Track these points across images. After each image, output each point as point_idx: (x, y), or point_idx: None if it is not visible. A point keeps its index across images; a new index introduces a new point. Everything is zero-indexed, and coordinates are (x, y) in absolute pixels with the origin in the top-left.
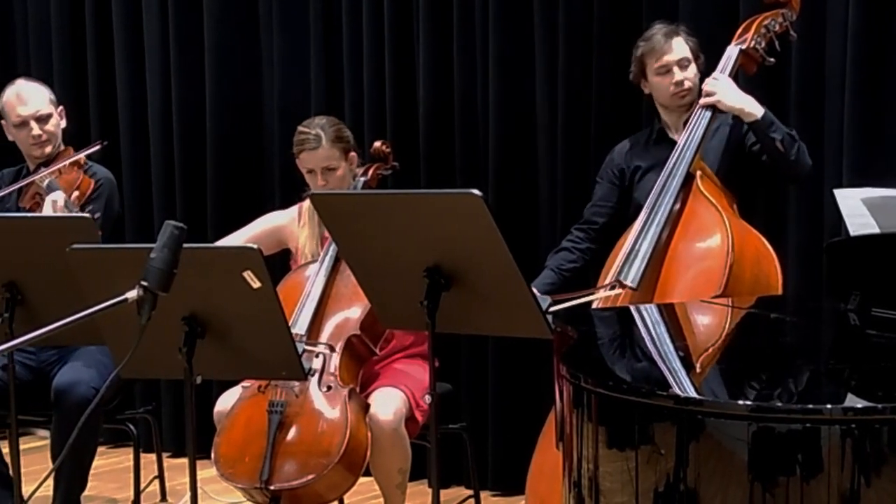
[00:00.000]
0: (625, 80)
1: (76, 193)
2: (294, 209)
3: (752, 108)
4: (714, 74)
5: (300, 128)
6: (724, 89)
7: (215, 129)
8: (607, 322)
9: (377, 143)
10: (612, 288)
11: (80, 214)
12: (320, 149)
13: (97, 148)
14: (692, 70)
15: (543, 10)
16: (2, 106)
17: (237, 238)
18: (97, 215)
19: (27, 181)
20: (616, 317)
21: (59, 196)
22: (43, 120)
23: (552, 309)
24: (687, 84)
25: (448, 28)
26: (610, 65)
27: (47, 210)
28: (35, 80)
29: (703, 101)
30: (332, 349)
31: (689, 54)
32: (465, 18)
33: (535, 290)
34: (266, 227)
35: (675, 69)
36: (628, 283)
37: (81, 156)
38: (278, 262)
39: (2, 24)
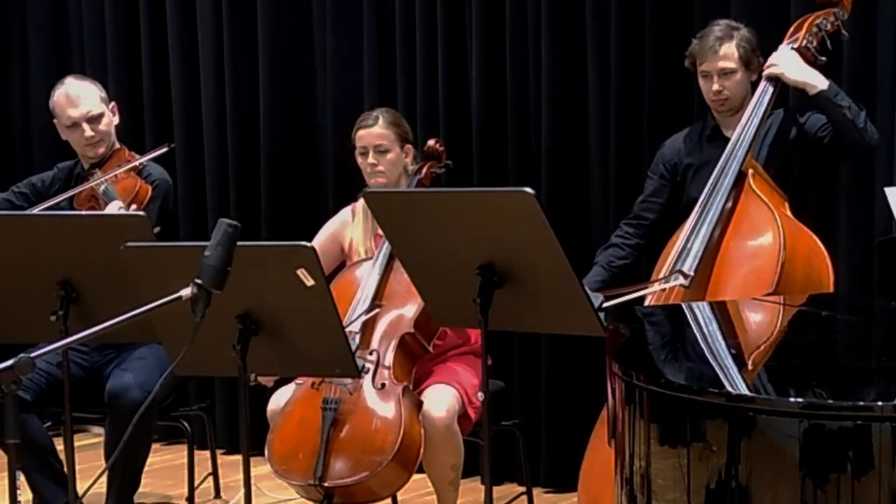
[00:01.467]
0: (676, 77)
1: (134, 206)
2: (346, 210)
3: (817, 80)
4: (779, 50)
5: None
6: (788, 62)
7: (269, 127)
8: (660, 320)
9: (431, 142)
10: (671, 279)
11: (134, 213)
12: (376, 126)
13: (164, 151)
14: (736, 78)
15: (595, 7)
16: (52, 106)
17: None
18: (151, 218)
19: (84, 187)
20: (668, 314)
21: (117, 205)
22: (95, 120)
23: (605, 305)
24: (725, 94)
25: (500, 27)
26: (662, 63)
27: None
28: (85, 78)
29: (767, 72)
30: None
31: (734, 63)
32: (517, 17)
33: (587, 288)
34: (327, 236)
35: (715, 77)
36: (680, 281)
37: (137, 163)
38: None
39: (57, 22)
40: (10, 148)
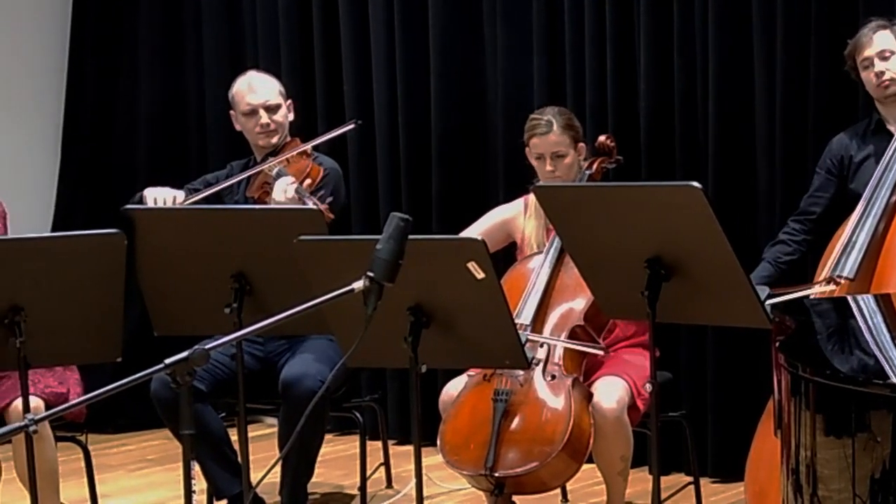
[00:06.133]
0: (842, 72)
1: (308, 181)
2: (519, 202)
3: None
4: None
5: (532, 115)
6: None
7: (439, 122)
8: (825, 312)
9: (602, 138)
10: (828, 283)
11: (307, 206)
12: (551, 134)
13: (351, 127)
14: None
15: (762, 5)
16: (232, 95)
17: (469, 233)
18: (329, 199)
19: (256, 170)
20: (833, 307)
21: (289, 181)
22: (272, 110)
23: (769, 302)
24: (888, 74)
25: (668, 23)
26: (827, 58)
27: (278, 195)
28: (266, 73)
29: None
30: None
31: (892, 45)
32: (684, 14)
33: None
34: (496, 221)
35: (876, 60)
36: (845, 274)
37: (309, 146)
38: (501, 254)
39: (231, 19)
40: (185, 142)
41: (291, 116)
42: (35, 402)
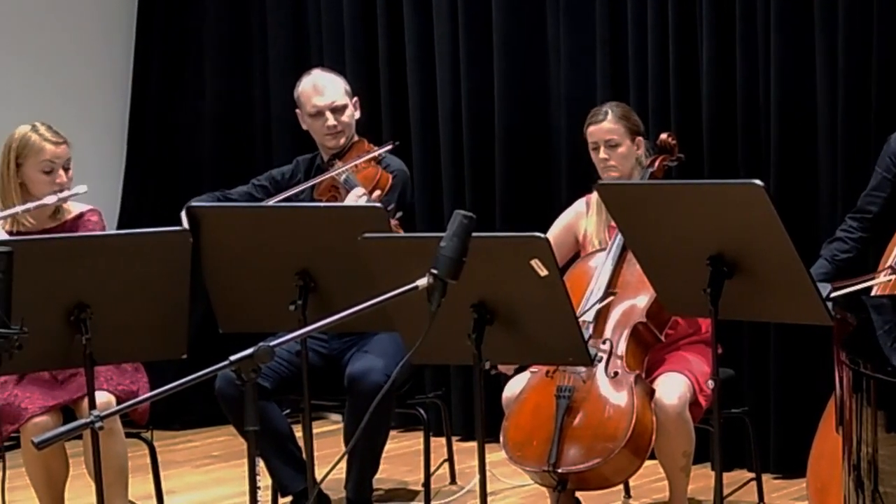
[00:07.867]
0: None
1: (377, 192)
2: (581, 202)
3: None
4: None
5: (593, 109)
6: None
7: (503, 120)
8: (886, 309)
9: (663, 136)
10: (891, 274)
11: (372, 204)
12: (605, 121)
13: (388, 148)
14: None
15: (823, 4)
16: (297, 95)
17: None
18: (391, 206)
19: (325, 177)
20: (894, 304)
21: (359, 192)
22: (338, 111)
23: (833, 294)
24: None
25: (730, 23)
26: (890, 58)
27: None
28: (331, 71)
29: None
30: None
31: None
32: (747, 12)
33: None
34: (561, 227)
35: None
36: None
37: (379, 152)
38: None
39: (295, 18)
40: (250, 141)
41: (358, 115)
42: (107, 397)
